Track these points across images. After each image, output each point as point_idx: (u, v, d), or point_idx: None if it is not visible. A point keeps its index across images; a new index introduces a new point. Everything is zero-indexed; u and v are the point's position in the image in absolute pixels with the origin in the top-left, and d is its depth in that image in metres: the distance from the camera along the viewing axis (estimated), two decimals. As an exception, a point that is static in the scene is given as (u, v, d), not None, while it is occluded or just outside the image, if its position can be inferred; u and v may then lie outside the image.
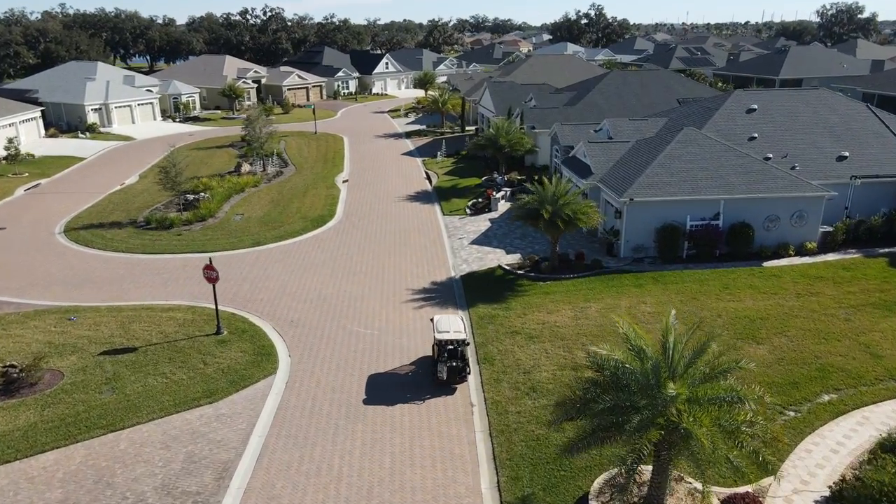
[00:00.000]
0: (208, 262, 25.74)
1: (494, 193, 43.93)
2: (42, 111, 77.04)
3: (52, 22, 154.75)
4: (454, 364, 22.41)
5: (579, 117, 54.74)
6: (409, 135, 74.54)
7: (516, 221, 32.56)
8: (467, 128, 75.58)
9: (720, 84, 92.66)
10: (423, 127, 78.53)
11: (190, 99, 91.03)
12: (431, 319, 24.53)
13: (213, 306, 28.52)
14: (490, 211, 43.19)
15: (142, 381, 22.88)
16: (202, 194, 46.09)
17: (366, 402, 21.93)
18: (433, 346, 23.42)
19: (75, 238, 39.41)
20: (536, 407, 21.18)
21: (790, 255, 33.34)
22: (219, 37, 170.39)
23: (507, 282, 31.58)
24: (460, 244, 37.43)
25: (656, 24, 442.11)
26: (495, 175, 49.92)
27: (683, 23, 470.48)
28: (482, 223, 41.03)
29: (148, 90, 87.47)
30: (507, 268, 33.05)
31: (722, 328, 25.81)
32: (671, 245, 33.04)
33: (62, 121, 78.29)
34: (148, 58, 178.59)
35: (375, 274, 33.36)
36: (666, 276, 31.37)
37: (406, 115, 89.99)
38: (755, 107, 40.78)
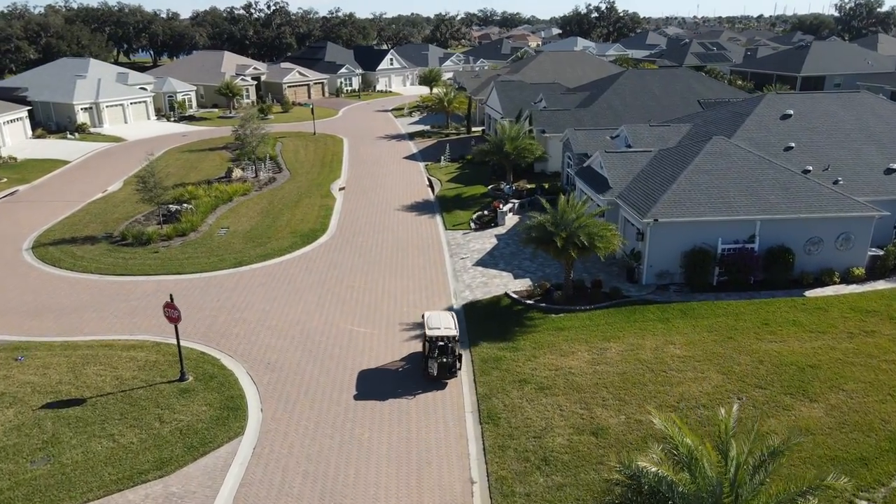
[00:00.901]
0: (169, 300, 22.24)
1: (501, 206, 40.24)
2: (30, 110, 74.05)
3: (54, 16, 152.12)
4: (444, 360, 22.60)
5: (593, 121, 50.93)
6: (412, 136, 70.85)
7: (527, 244, 28.80)
8: (474, 129, 71.82)
9: (740, 82, 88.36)
10: (427, 127, 74.82)
11: (186, 97, 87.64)
12: (422, 316, 24.51)
13: (183, 340, 25.21)
14: (496, 225, 39.52)
15: (83, 446, 19.44)
16: (185, 205, 42.65)
17: (344, 483, 18.40)
18: (423, 342, 23.28)
19: (43, 256, 36.06)
20: (550, 487, 17.58)
21: (835, 283, 29.52)
22: (222, 31, 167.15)
23: (514, 314, 27.96)
24: (463, 266, 33.81)
25: (667, 17, 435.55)
26: (502, 184, 46.20)
27: (695, 16, 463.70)
28: (488, 240, 37.39)
29: (142, 88, 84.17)
30: (514, 296, 29.42)
31: (766, 378, 22.12)
32: (700, 271, 29.31)
33: (51, 121, 75.07)
34: (151, 52, 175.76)
35: (367, 302, 29.81)
36: (695, 307, 27.65)
37: (410, 114, 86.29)
38: (790, 112, 36.86)
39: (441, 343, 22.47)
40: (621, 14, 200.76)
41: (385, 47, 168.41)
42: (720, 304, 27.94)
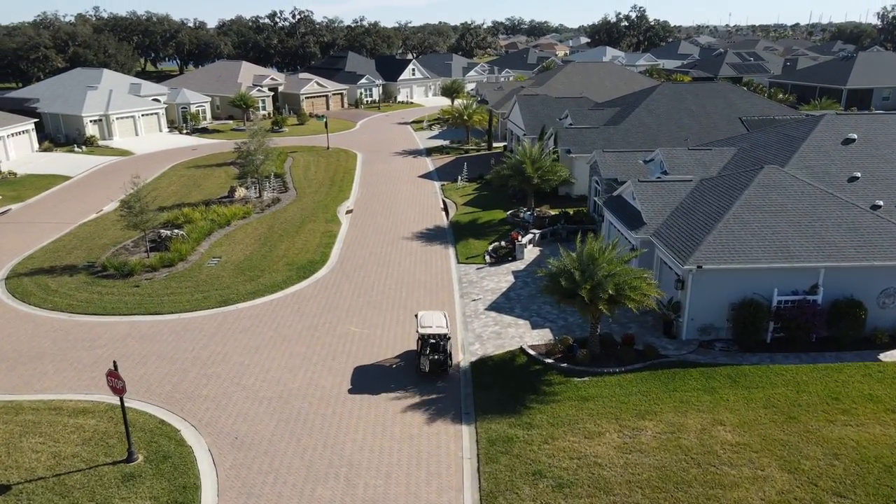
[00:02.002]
0: (112, 368, 18.57)
1: (520, 238, 36.10)
2: (40, 122, 72.17)
3: (82, 26, 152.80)
4: (436, 357, 23.41)
5: (624, 140, 46.58)
6: (429, 152, 67.08)
7: (549, 294, 24.61)
8: (495, 144, 67.81)
9: (781, 95, 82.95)
10: (446, 143, 71.00)
11: (200, 108, 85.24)
12: (416, 315, 25.78)
13: (143, 403, 21.73)
14: (514, 259, 35.40)
15: (-9, 558, 15.86)
16: (177, 231, 39.33)
17: None
18: (417, 340, 24.62)
19: (14, 289, 32.92)
20: None
21: (915, 344, 24.85)
22: (247, 40, 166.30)
23: (531, 375, 23.81)
24: (475, 310, 29.74)
25: (698, 25, 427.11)
26: (522, 211, 42.03)
27: (727, 25, 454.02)
28: (504, 277, 33.28)
29: (155, 99, 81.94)
30: (531, 353, 25.25)
31: (845, 481, 17.64)
32: (752, 326, 24.83)
33: (60, 133, 73.06)
34: (178, 61, 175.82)
35: (361, 356, 25.90)
36: (746, 372, 23.21)
37: (429, 127, 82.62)
38: (854, 136, 32.18)
39: (433, 341, 23.65)
40: (652, 23, 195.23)
41: (409, 57, 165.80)
42: (777, 368, 23.44)
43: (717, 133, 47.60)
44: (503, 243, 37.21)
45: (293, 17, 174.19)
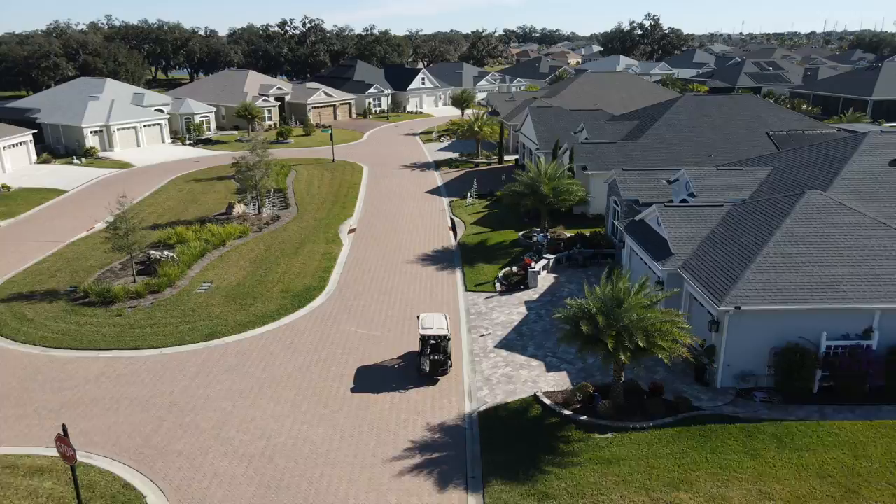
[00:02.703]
0: (61, 433, 16.02)
1: (533, 264, 33.38)
2: (38, 134, 70.39)
3: (93, 34, 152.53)
4: (436, 358, 23.97)
5: (644, 156, 43.82)
6: (438, 165, 64.54)
7: (568, 343, 21.79)
8: (507, 157, 65.17)
9: (805, 106, 79.82)
10: (456, 155, 68.44)
11: (204, 119, 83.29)
12: (417, 317, 26.70)
13: (108, 461, 19.28)
14: (526, 288, 32.68)
15: None
16: (167, 253, 36.95)
17: None
18: (419, 342, 25.13)
19: (-12, 317, 30.62)
20: None
21: (984, 396, 21.86)
22: (257, 48, 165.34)
23: (546, 429, 21.06)
24: (483, 347, 27.03)
25: (711, 34, 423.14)
26: (535, 233, 39.34)
27: (740, 33, 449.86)
28: (515, 308, 30.56)
29: (158, 109, 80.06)
30: (547, 402, 22.49)
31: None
32: (797, 375, 22.00)
33: (60, 144, 71.20)
34: (188, 70, 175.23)
35: (357, 403, 23.25)
36: (794, 431, 20.33)
37: (439, 138, 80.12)
38: (902, 157, 29.27)
39: (433, 342, 24.17)
40: (666, 31, 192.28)
41: (420, 65, 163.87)
42: (828, 426, 20.54)
43: (742, 149, 44.73)
44: (515, 269, 34.51)
45: (303, 25, 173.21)
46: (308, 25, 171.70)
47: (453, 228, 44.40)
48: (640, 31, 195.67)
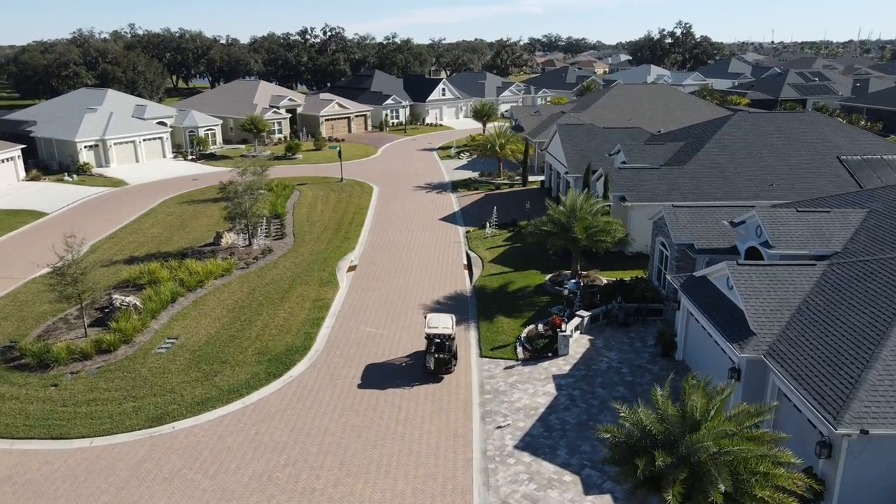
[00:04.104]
0: None
1: (564, 326, 27.12)
2: (32, 148, 66.09)
3: (115, 43, 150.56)
4: (441, 356, 24.60)
5: (692, 185, 37.45)
6: (455, 186, 58.61)
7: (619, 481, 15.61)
8: (531, 178, 58.96)
9: (865, 123, 72.35)
10: (475, 175, 62.44)
11: (209, 132, 78.49)
12: (424, 316, 28.36)
13: None
14: (555, 355, 26.45)
15: None
16: (130, 299, 31.43)
17: None
18: (425, 339, 25.44)
19: None
20: None
21: None
22: (277, 57, 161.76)
23: None
24: (500, 446, 20.86)
25: (742, 42, 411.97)
26: (565, 279, 33.10)
27: (772, 41, 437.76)
28: (542, 385, 24.37)
29: (160, 122, 75.46)
30: (586, 552, 16.25)
31: None
32: (944, 525, 15.49)
33: (54, 160, 66.84)
34: (209, 78, 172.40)
35: (327, 538, 17.24)
36: None
37: (458, 154, 74.19)
38: None
39: (438, 340, 24.59)
40: (699, 39, 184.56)
41: (443, 74, 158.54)
42: None
43: (810, 178, 38.14)
44: (541, 327, 28.30)
45: (324, 34, 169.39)
46: (329, 34, 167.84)
47: (469, 266, 38.35)
48: (670, 40, 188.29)
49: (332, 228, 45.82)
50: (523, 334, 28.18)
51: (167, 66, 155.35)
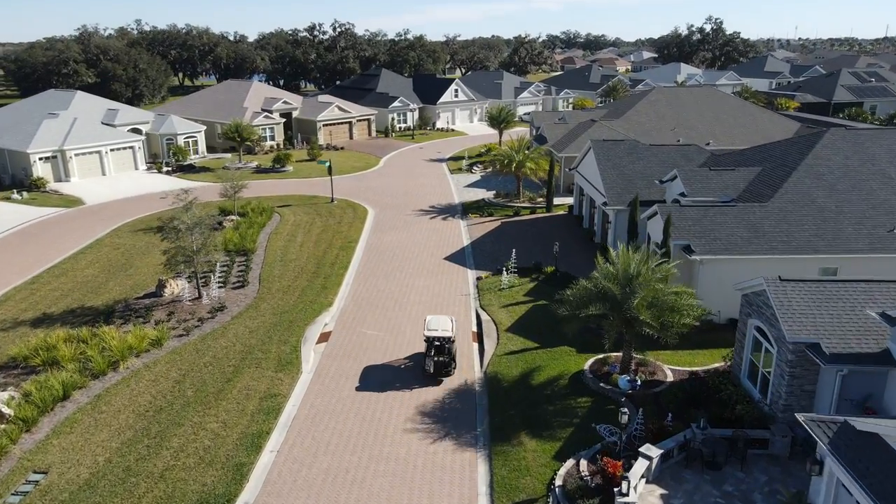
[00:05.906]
0: None
1: (622, 475, 17.42)
2: (-20, 160, 57.75)
3: (116, 40, 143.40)
4: (440, 359, 24.16)
5: (783, 230, 27.63)
6: (465, 211, 48.99)
7: None
8: (556, 201, 49.11)
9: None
10: (490, 195, 52.78)
11: (190, 139, 69.51)
12: (424, 319, 27.25)
13: None
14: (613, 530, 16.84)
15: None
16: (10, 390, 22.31)
17: None
18: (424, 342, 25.30)
19: None
20: None
21: None
22: (284, 54, 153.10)
23: None
24: None
25: (767, 39, 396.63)
26: (614, 372, 23.36)
27: (799, 38, 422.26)
28: None
29: (133, 129, 66.70)
30: None
31: None
32: None
33: (6, 174, 58.22)
34: (216, 76, 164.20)
35: None
36: None
37: (470, 168, 64.52)
38: None
39: (437, 343, 24.18)
40: (731, 35, 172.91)
41: (457, 73, 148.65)
42: None
43: (945, 221, 28.06)
44: (584, 468, 18.66)
45: (333, 30, 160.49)
46: (338, 31, 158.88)
47: (479, 336, 28.79)
48: (699, 36, 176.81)
49: (310, 272, 36.45)
50: (560, 479, 18.58)
51: (173, 63, 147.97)
